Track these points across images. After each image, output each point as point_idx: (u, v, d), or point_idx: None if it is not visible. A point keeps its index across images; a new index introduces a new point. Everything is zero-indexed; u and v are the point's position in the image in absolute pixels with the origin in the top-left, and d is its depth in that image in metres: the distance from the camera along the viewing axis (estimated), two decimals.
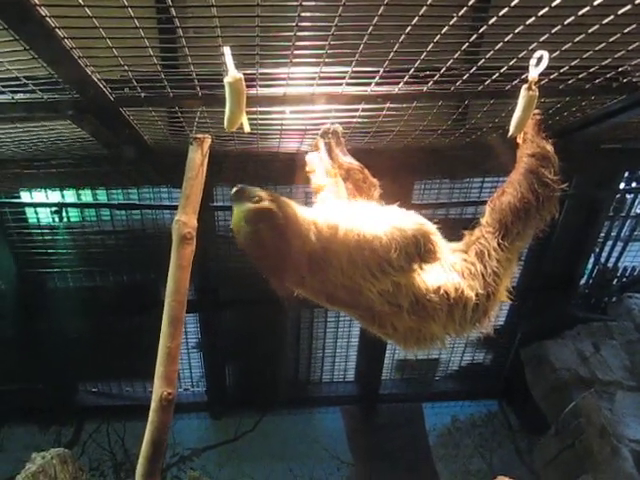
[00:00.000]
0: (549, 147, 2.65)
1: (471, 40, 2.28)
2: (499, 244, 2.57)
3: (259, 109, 2.93)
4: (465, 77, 2.65)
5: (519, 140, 2.72)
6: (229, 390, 8.34)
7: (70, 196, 6.24)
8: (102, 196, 6.34)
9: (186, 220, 3.04)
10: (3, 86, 2.52)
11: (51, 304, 6.96)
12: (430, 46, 2.29)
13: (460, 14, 2.02)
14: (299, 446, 8.03)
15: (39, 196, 6.17)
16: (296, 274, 2.41)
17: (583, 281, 7.71)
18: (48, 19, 1.88)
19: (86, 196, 6.31)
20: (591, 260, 7.48)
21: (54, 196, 6.15)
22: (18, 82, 2.48)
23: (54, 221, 6.36)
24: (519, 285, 7.34)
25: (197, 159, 2.87)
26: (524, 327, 7.74)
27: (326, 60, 2.37)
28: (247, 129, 2.36)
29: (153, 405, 3.13)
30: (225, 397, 8.32)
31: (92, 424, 8.19)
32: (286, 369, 8.32)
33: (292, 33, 2.10)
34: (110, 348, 7.27)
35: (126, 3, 1.85)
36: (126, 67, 2.43)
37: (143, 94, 2.71)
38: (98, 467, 7.85)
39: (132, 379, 8.13)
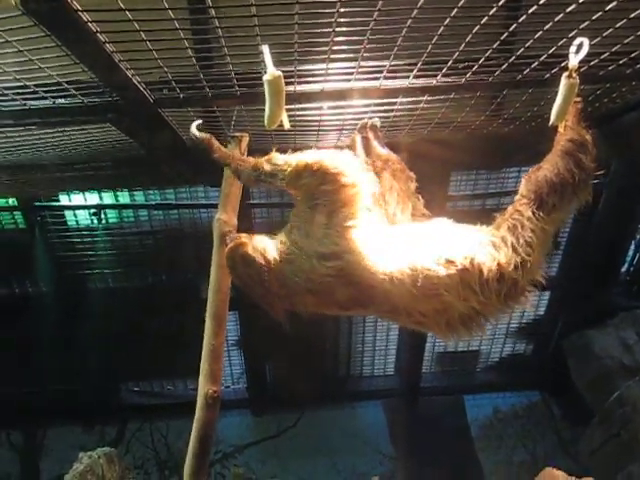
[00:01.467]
0: (587, 136, 2.62)
1: (511, 29, 2.26)
2: (534, 213, 2.52)
3: (297, 106, 2.94)
4: (504, 67, 2.63)
5: (560, 129, 2.68)
6: (270, 387, 8.34)
7: (108, 198, 6.31)
8: (139, 197, 6.40)
9: (226, 219, 3.07)
10: (45, 91, 2.56)
11: (91, 305, 7.03)
12: (469, 37, 2.28)
13: (500, 4, 2.01)
14: (341, 441, 8.03)
15: (77, 199, 6.25)
16: (284, 298, 2.52)
17: (624, 269, 7.61)
18: (90, 24, 1.90)
19: (124, 197, 6.37)
20: (632, 247, 7.37)
21: (92, 198, 6.22)
22: (59, 87, 2.52)
23: (93, 223, 6.42)
24: (559, 274, 7.28)
25: None
26: (565, 316, 7.65)
27: (364, 55, 2.37)
28: (287, 126, 2.37)
29: (199, 403, 3.17)
30: (266, 394, 8.32)
31: (135, 423, 8.27)
32: (326, 364, 8.31)
33: (331, 29, 2.09)
34: (150, 347, 7.31)
35: (166, 5, 1.86)
36: (165, 69, 2.45)
37: (182, 95, 2.73)
38: (142, 465, 7.96)
39: (173, 377, 8.15)
